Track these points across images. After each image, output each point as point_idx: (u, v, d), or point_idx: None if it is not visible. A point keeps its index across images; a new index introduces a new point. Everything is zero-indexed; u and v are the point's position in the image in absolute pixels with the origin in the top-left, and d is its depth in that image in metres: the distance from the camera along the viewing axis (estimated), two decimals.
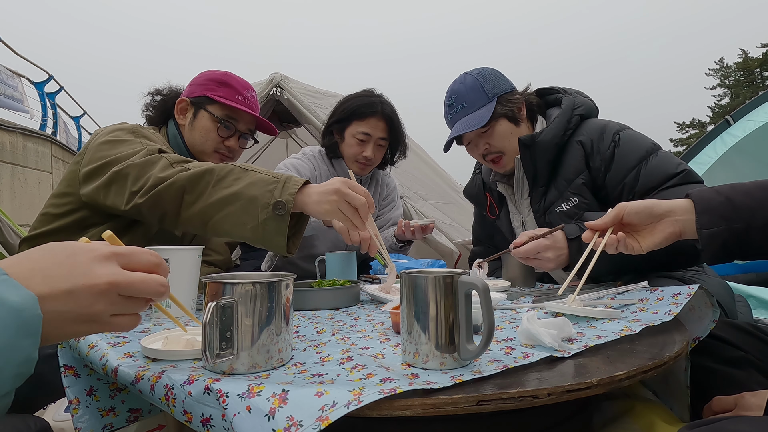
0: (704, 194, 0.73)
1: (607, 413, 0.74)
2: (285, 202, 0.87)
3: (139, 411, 0.77)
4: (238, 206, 0.90)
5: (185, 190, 0.94)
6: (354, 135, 1.58)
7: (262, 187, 0.90)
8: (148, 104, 1.34)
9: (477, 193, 1.53)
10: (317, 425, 0.41)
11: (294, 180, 0.91)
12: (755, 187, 0.72)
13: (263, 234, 0.89)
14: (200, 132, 1.28)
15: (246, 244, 2.63)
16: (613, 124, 1.25)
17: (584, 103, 1.31)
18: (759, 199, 0.69)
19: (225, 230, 0.93)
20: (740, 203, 0.70)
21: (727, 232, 0.69)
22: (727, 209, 0.70)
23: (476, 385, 0.48)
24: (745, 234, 0.69)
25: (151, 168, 0.98)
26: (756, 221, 0.68)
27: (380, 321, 0.83)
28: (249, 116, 1.32)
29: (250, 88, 1.34)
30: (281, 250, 0.91)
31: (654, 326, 0.67)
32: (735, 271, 2.31)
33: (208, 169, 0.94)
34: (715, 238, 0.70)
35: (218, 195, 0.91)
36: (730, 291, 1.11)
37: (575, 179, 1.22)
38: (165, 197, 0.95)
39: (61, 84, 8.43)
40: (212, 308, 0.52)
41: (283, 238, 0.89)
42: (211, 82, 1.30)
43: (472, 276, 0.54)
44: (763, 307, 1.60)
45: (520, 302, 0.95)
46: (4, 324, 0.35)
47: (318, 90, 2.66)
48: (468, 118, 1.30)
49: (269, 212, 0.88)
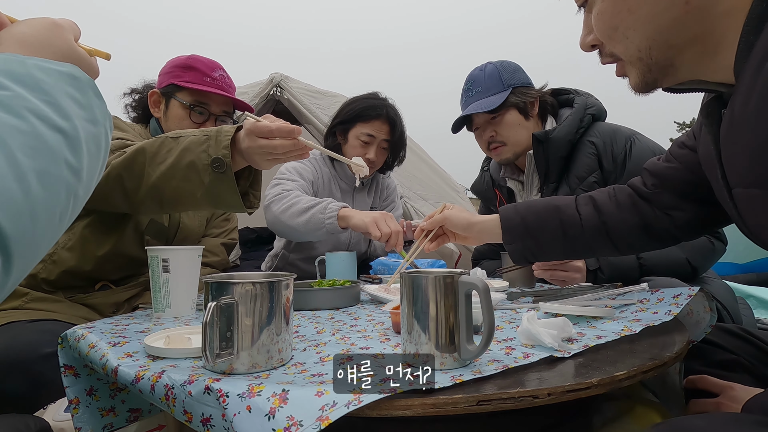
0: (508, 214, 0.90)
1: (607, 414, 0.74)
2: (222, 158, 0.83)
3: (139, 411, 0.77)
4: (179, 178, 0.86)
5: (123, 178, 0.90)
6: (358, 137, 1.58)
7: (195, 149, 0.85)
8: (127, 105, 1.33)
9: (485, 189, 1.56)
10: (317, 425, 0.41)
11: (224, 131, 0.85)
12: (543, 207, 0.89)
13: (216, 197, 0.85)
14: (174, 121, 1.26)
15: (246, 244, 2.63)
16: (624, 129, 1.30)
17: (595, 104, 1.35)
18: (543, 219, 0.87)
19: (181, 204, 0.90)
20: (530, 223, 0.87)
21: (522, 246, 0.89)
22: (521, 229, 0.88)
23: (476, 385, 0.48)
24: (535, 248, 0.88)
25: None
26: (543, 237, 0.87)
27: (380, 321, 0.83)
28: (220, 97, 1.28)
29: (219, 67, 1.30)
30: (239, 207, 0.87)
31: (654, 326, 0.67)
32: (735, 271, 2.30)
33: (138, 148, 0.90)
34: (515, 251, 0.90)
35: (156, 172, 0.87)
36: (732, 293, 1.12)
37: (588, 177, 1.26)
38: (106, 189, 0.91)
39: None
40: (212, 308, 0.52)
41: (236, 194, 0.85)
42: (176, 69, 1.27)
43: (473, 276, 0.54)
44: (763, 307, 1.60)
45: (520, 302, 0.95)
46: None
47: (318, 90, 2.66)
48: (481, 102, 1.34)
49: (210, 173, 0.83)
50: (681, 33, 0.55)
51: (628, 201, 0.85)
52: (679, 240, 0.84)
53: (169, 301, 0.88)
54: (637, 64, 0.59)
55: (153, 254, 0.89)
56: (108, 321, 0.84)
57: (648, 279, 1.11)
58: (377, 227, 1.26)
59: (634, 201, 0.84)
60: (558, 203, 0.89)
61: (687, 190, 0.78)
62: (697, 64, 0.57)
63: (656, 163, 0.84)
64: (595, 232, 0.85)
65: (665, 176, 0.81)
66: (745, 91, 0.50)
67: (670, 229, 0.81)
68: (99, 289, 1.13)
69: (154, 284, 0.89)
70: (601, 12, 0.60)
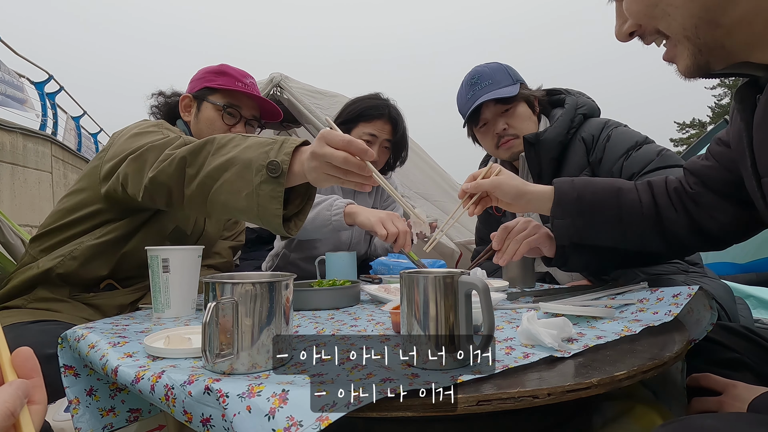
0: (563, 187, 0.84)
1: (607, 414, 0.74)
2: (280, 162, 0.79)
3: (139, 411, 0.77)
4: (233, 172, 0.83)
5: (186, 162, 0.89)
6: (360, 136, 1.58)
7: (258, 149, 0.83)
8: (153, 106, 1.35)
9: None
10: (317, 425, 0.41)
11: (291, 140, 0.83)
12: (602, 187, 0.84)
13: (258, 201, 0.80)
14: (205, 123, 1.28)
15: (246, 244, 2.63)
16: (613, 121, 1.30)
17: (587, 103, 1.35)
18: (602, 199, 0.82)
19: (222, 202, 0.86)
20: (586, 201, 0.82)
21: (572, 223, 0.83)
22: (575, 206, 0.83)
23: (476, 385, 0.48)
24: (585, 228, 0.83)
25: (167, 148, 0.94)
26: (597, 218, 0.82)
27: (380, 321, 0.83)
28: (251, 101, 1.32)
29: (249, 76, 1.34)
30: (276, 220, 0.80)
31: (654, 326, 0.67)
32: (735, 271, 2.30)
33: (209, 139, 0.90)
34: (562, 227, 0.84)
35: (216, 162, 0.86)
36: (731, 293, 1.12)
37: (578, 175, 1.25)
38: (167, 171, 0.90)
39: (61, 84, 8.43)
40: (212, 308, 0.52)
41: (279, 204, 0.79)
42: (209, 74, 1.31)
43: (473, 276, 0.54)
44: (763, 307, 1.60)
45: (520, 302, 0.95)
46: None
47: (318, 90, 2.65)
48: (495, 92, 1.32)
49: (264, 174, 0.79)
50: (729, 11, 0.51)
51: (677, 197, 0.82)
52: (728, 243, 0.81)
53: (169, 301, 0.88)
54: (686, 43, 0.55)
55: (153, 254, 0.89)
56: (108, 321, 0.84)
57: (646, 276, 1.11)
58: (383, 227, 1.26)
59: (682, 198, 0.81)
60: (620, 185, 0.84)
61: (726, 190, 0.75)
62: (752, 47, 0.53)
63: (695, 161, 0.81)
64: (651, 222, 0.82)
65: (704, 175, 0.78)
66: None
67: (716, 231, 0.78)
68: (104, 288, 1.13)
69: (154, 284, 0.89)
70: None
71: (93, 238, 1.09)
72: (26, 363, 0.41)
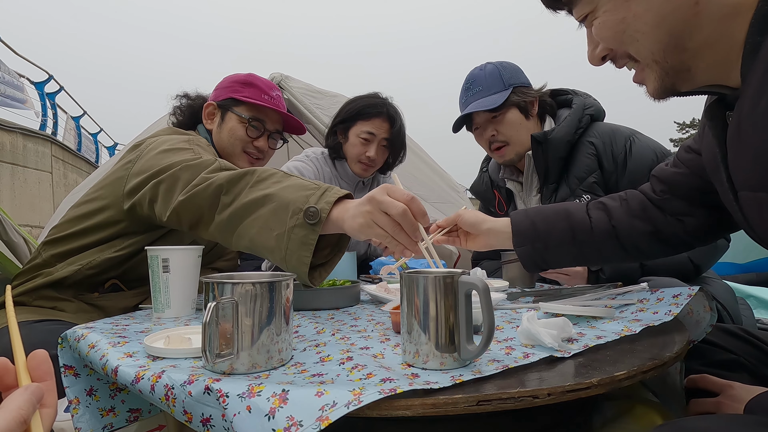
0: (518, 217, 0.92)
1: (607, 414, 0.74)
2: (319, 210, 0.75)
3: (139, 411, 0.77)
4: (269, 209, 0.80)
5: (223, 190, 0.86)
6: (358, 135, 1.59)
7: (299, 191, 0.80)
8: (175, 107, 1.35)
9: (485, 190, 1.56)
10: (317, 425, 0.41)
11: (335, 190, 0.80)
12: (552, 211, 0.91)
13: (288, 244, 0.76)
14: (228, 134, 1.28)
15: None
16: (623, 128, 1.30)
17: (594, 104, 1.36)
18: (552, 222, 0.88)
19: (250, 236, 0.82)
20: (540, 227, 0.89)
21: (532, 250, 0.89)
22: (531, 233, 0.89)
23: (476, 385, 0.48)
24: (545, 252, 0.89)
25: (202, 170, 0.92)
26: (552, 241, 0.88)
27: (380, 321, 0.83)
28: (276, 115, 1.32)
29: (275, 87, 1.34)
30: (303, 268, 0.76)
31: (654, 326, 0.67)
32: (735, 271, 2.30)
33: (250, 170, 0.88)
34: (525, 254, 0.90)
35: (253, 195, 0.83)
36: (733, 294, 1.12)
37: (587, 177, 1.27)
38: (203, 195, 0.88)
39: (61, 83, 8.44)
40: (212, 308, 0.52)
41: (309, 252, 0.75)
42: (236, 84, 1.30)
43: (473, 276, 0.54)
44: (763, 307, 1.60)
45: (520, 302, 0.95)
46: None
47: (318, 90, 2.66)
48: (482, 101, 1.34)
49: (300, 219, 0.76)
50: (694, 36, 0.54)
51: (638, 207, 0.84)
52: (691, 246, 0.84)
53: (169, 301, 0.88)
54: (654, 66, 0.58)
55: (153, 254, 0.89)
56: (108, 321, 0.84)
57: (648, 279, 1.11)
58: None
59: (645, 207, 0.84)
60: (568, 207, 0.89)
61: (696, 195, 0.78)
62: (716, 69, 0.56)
63: (664, 168, 0.83)
64: (605, 236, 0.85)
65: (673, 182, 0.80)
66: (752, 93, 0.49)
67: (682, 235, 0.80)
68: (108, 288, 1.13)
69: (154, 284, 0.89)
70: (604, 22, 0.59)
71: (112, 251, 1.08)
72: (41, 366, 0.41)
